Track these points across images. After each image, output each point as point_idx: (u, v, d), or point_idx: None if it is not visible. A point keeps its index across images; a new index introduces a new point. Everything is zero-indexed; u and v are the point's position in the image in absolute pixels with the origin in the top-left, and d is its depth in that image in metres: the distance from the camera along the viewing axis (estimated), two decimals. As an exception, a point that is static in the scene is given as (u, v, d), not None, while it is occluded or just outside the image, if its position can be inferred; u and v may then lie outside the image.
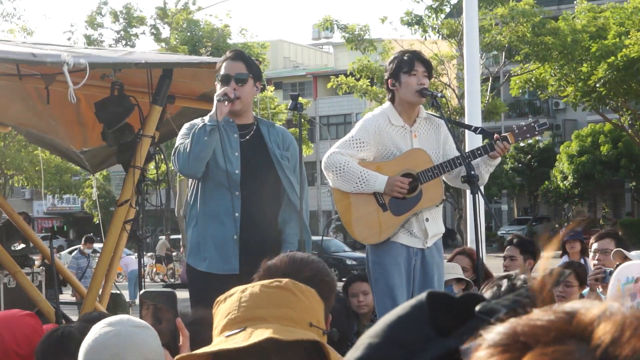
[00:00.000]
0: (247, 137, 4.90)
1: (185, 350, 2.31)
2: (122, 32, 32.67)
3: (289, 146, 5.00)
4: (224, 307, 1.83)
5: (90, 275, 13.78)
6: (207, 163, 4.77)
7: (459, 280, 5.46)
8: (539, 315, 0.77)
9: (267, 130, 4.98)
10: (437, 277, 4.92)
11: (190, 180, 4.97)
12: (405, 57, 4.89)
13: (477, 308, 0.88)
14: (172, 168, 5.15)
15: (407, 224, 4.86)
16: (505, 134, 4.96)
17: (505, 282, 2.76)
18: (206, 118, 4.71)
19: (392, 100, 4.94)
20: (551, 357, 0.74)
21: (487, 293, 2.73)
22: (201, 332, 2.16)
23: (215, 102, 4.69)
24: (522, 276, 2.90)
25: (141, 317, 2.35)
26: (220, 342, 1.79)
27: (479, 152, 4.89)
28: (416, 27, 29.09)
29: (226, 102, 4.70)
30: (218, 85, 4.82)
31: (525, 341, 0.76)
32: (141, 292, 2.43)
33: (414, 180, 4.85)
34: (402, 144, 4.89)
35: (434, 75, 29.05)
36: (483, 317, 0.87)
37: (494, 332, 0.77)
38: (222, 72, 4.82)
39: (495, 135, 4.90)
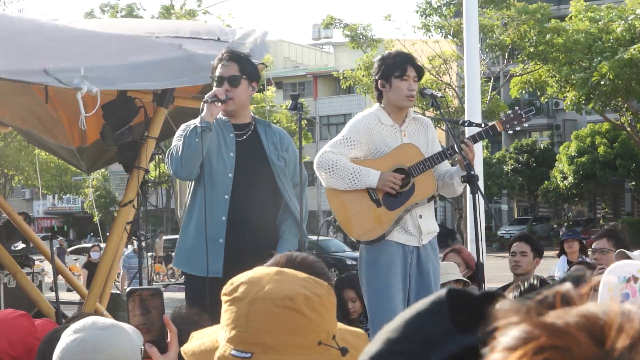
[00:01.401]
0: (244, 136, 4.91)
1: (174, 346, 2.30)
2: None
3: (288, 147, 5.00)
4: (232, 313, 1.78)
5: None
6: (200, 165, 4.77)
7: (457, 281, 5.46)
8: (554, 318, 0.76)
9: (264, 130, 4.98)
10: (434, 276, 4.93)
11: (188, 181, 4.99)
12: (398, 60, 4.91)
13: (497, 307, 0.87)
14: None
15: (402, 221, 4.87)
16: (493, 122, 5.02)
17: (524, 285, 2.76)
18: (197, 119, 4.71)
19: (379, 100, 4.98)
20: None
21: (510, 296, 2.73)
22: (186, 330, 2.15)
23: (205, 103, 4.70)
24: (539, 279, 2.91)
25: (128, 312, 2.35)
26: (225, 353, 1.78)
27: (448, 152, 4.93)
28: (430, 18, 29.02)
29: (219, 104, 4.71)
30: (214, 85, 4.85)
31: (541, 345, 0.75)
32: (126, 289, 2.44)
33: (406, 174, 4.87)
34: (392, 142, 4.92)
35: (436, 75, 29.24)
36: None
37: (509, 335, 0.77)
38: (216, 73, 4.84)
39: (464, 140, 4.88)
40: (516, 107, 5.29)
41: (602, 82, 27.39)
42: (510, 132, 5.17)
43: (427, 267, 4.90)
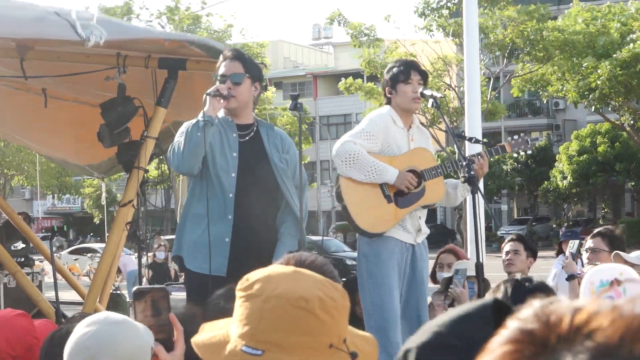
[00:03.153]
0: (247, 137, 4.91)
1: (180, 345, 2.30)
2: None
3: (289, 149, 5.03)
4: (246, 309, 1.78)
5: None
6: (203, 163, 4.77)
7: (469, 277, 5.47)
8: (549, 311, 0.79)
9: (266, 132, 4.99)
10: (425, 276, 5.19)
11: (188, 179, 4.98)
12: (402, 68, 5.17)
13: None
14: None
15: (402, 220, 5.09)
16: (503, 143, 5.39)
17: (509, 284, 2.76)
18: (199, 114, 4.71)
19: (388, 104, 5.22)
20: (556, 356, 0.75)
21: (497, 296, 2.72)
22: (192, 330, 2.16)
23: (207, 97, 4.69)
24: (527, 277, 2.91)
25: (137, 313, 2.36)
26: (236, 348, 1.78)
27: (477, 155, 5.15)
28: (429, 17, 29.10)
29: (221, 100, 4.70)
30: (217, 83, 4.84)
31: (535, 336, 0.77)
32: (133, 289, 2.44)
33: (418, 176, 5.10)
34: (403, 144, 5.15)
35: (435, 76, 29.25)
36: None
37: (511, 322, 0.80)
38: (220, 71, 4.85)
39: (479, 154, 5.14)
40: (522, 134, 5.67)
41: (600, 83, 27.44)
42: (515, 155, 5.51)
43: (421, 265, 5.14)
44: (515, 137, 5.46)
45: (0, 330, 3.20)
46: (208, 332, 1.89)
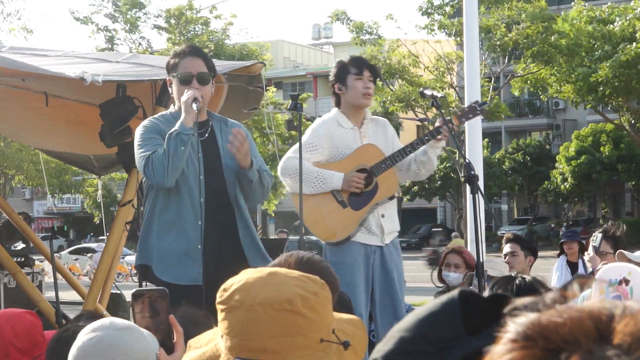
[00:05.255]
0: (206, 135, 4.59)
1: (180, 347, 2.30)
2: (130, 24, 32.57)
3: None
4: (231, 321, 1.76)
5: None
6: None
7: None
8: (559, 313, 0.78)
9: (220, 128, 4.64)
10: (397, 275, 5.09)
11: (146, 185, 4.65)
12: (352, 62, 5.13)
13: (506, 309, 0.88)
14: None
15: (365, 222, 5.03)
16: (449, 117, 5.17)
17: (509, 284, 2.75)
18: (178, 125, 4.35)
19: (337, 105, 5.16)
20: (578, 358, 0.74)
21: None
22: (193, 332, 2.15)
23: (184, 108, 4.34)
24: (524, 276, 2.91)
25: (135, 314, 2.35)
26: None
27: (426, 137, 5.07)
28: (433, 17, 28.96)
29: (194, 105, 4.36)
30: (175, 82, 4.51)
31: (545, 338, 0.76)
32: (133, 290, 2.44)
33: (368, 174, 5.03)
34: (353, 144, 5.10)
35: (437, 75, 29.25)
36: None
37: (515, 327, 0.78)
38: (181, 70, 4.50)
39: (438, 121, 5.03)
40: (473, 102, 5.48)
41: (601, 83, 27.43)
42: (465, 122, 5.32)
43: (391, 267, 5.06)
44: (464, 106, 5.32)
45: (9, 322, 3.29)
46: (196, 349, 1.87)
